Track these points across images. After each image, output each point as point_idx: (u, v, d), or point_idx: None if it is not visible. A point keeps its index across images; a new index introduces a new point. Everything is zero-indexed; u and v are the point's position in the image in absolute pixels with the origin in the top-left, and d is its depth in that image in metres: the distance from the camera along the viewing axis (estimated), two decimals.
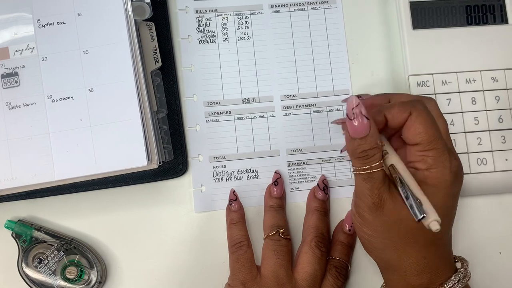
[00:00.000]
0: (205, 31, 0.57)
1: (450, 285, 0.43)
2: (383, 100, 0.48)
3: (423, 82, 0.55)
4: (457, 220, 0.55)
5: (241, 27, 0.57)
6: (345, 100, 0.55)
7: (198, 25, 0.57)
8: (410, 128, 0.43)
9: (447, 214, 0.43)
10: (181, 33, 0.57)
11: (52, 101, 0.50)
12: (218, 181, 0.55)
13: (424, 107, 0.43)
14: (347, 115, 0.42)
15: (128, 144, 0.50)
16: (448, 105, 0.55)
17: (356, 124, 0.41)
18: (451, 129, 0.54)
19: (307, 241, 0.51)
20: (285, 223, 0.53)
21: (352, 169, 0.44)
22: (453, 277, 0.44)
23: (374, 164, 0.42)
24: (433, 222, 0.39)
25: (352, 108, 0.41)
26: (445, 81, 0.55)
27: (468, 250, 0.54)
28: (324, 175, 0.55)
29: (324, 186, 0.54)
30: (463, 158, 0.44)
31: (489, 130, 0.55)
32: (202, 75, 0.56)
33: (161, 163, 0.52)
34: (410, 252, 0.43)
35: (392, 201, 0.42)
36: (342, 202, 0.55)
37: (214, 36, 0.57)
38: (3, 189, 0.50)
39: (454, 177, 0.42)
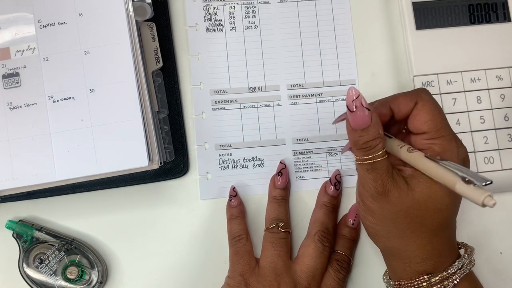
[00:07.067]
0: (213, 20, 0.57)
1: (453, 271, 0.43)
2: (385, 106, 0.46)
3: (428, 82, 0.55)
4: (460, 219, 0.54)
5: (248, 16, 0.57)
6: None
7: (206, 14, 0.57)
8: (416, 117, 0.42)
9: (456, 201, 0.43)
10: (188, 22, 0.57)
11: (53, 102, 0.50)
12: (223, 169, 0.55)
13: (429, 95, 0.43)
14: (347, 107, 0.41)
15: (129, 145, 0.50)
16: (453, 104, 0.55)
17: (357, 116, 0.41)
18: (457, 128, 0.54)
19: (311, 235, 0.51)
20: (286, 216, 0.53)
21: (354, 159, 0.44)
22: (456, 263, 0.43)
23: (377, 154, 0.41)
24: (487, 197, 0.36)
25: (352, 100, 0.41)
26: (450, 81, 0.55)
27: None
28: (338, 170, 0.55)
29: (336, 182, 0.54)
30: (470, 158, 0.44)
31: (495, 129, 0.55)
32: (209, 63, 0.56)
33: (162, 164, 0.52)
34: (415, 240, 0.43)
35: (397, 190, 0.42)
36: (348, 192, 0.55)
37: (221, 25, 0.57)
38: (4, 189, 0.50)
39: (461, 163, 0.42)
